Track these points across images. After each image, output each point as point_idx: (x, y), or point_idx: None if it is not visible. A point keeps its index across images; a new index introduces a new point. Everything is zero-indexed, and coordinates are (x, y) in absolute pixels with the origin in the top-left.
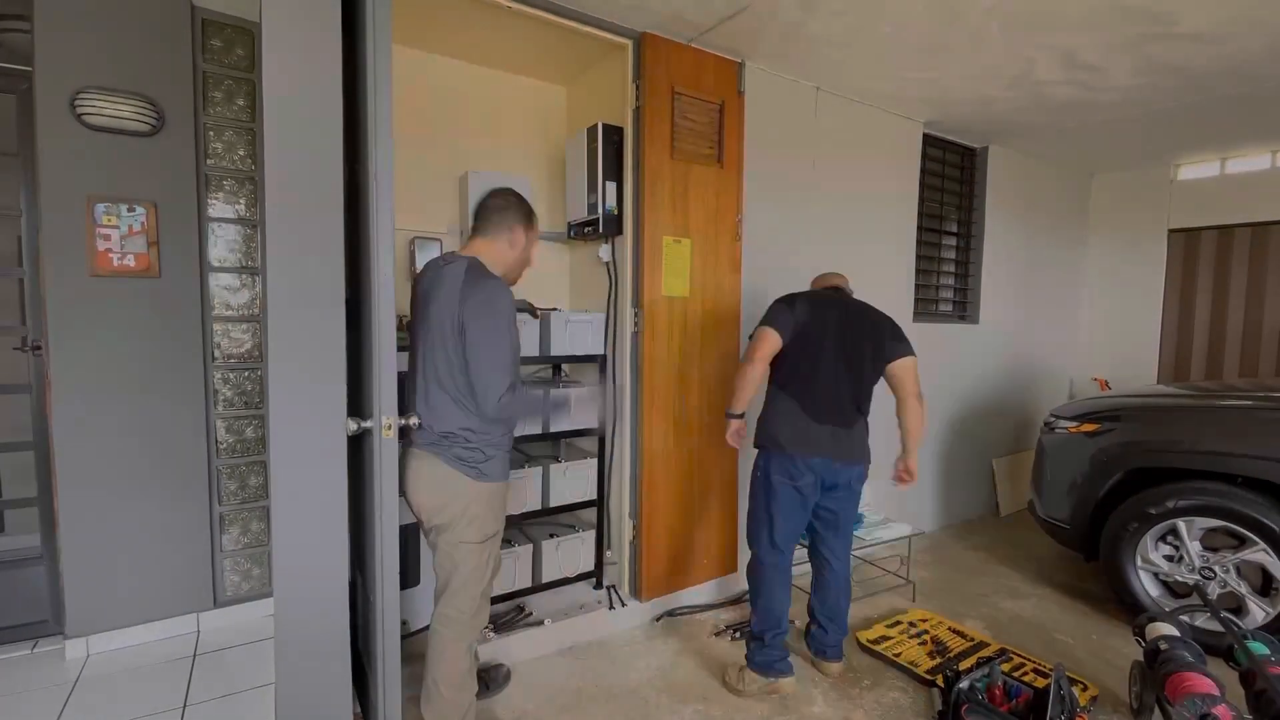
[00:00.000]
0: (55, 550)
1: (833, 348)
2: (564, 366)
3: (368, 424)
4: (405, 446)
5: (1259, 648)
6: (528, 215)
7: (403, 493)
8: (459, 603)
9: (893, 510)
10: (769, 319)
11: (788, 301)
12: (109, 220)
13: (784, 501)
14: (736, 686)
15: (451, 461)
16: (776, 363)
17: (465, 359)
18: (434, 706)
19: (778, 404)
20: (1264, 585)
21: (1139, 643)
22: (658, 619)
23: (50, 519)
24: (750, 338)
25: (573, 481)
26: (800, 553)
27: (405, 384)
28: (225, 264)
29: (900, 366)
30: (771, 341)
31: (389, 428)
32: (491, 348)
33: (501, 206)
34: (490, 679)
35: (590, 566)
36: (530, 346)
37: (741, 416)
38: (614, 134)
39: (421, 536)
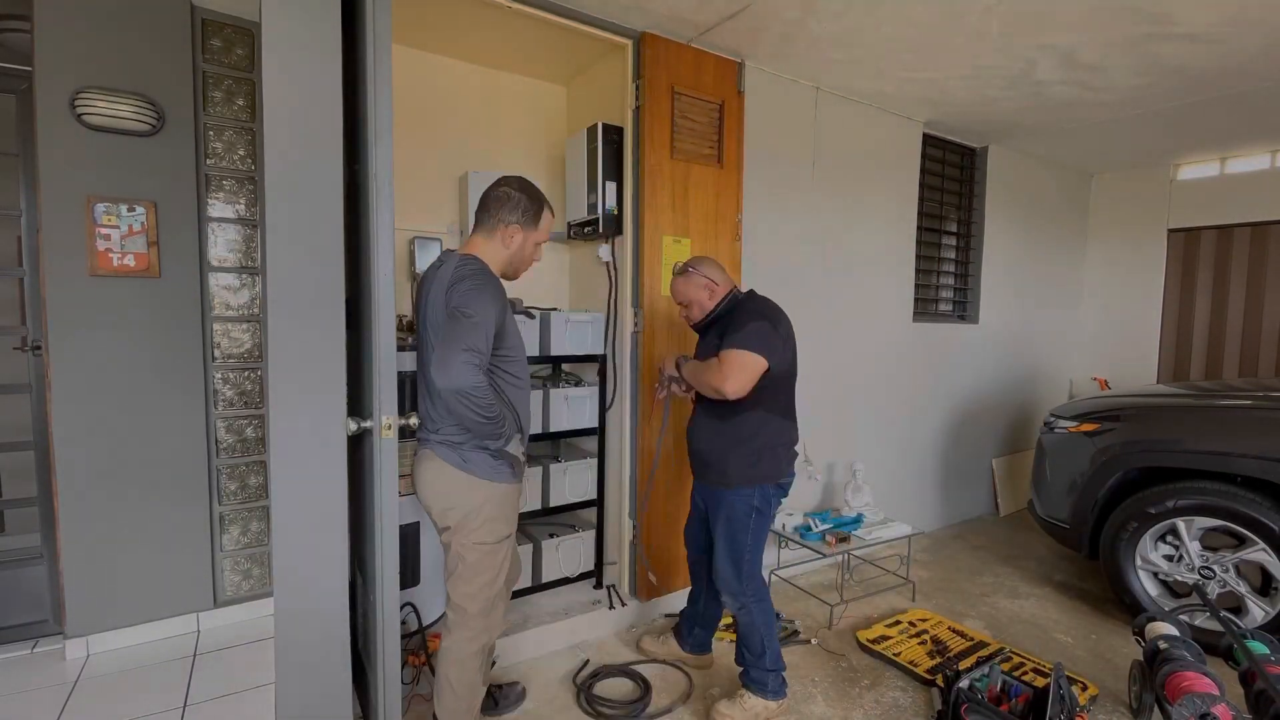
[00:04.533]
0: (55, 550)
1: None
2: (564, 366)
3: (368, 424)
4: (416, 446)
5: (1258, 647)
6: (527, 211)
7: (415, 492)
8: (461, 601)
9: (893, 510)
10: (762, 346)
11: (770, 318)
12: (109, 220)
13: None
14: (652, 651)
15: (447, 457)
16: (762, 387)
17: None
18: (442, 703)
19: (775, 435)
20: (1263, 585)
21: (1138, 642)
22: (658, 619)
23: (50, 519)
24: (733, 348)
25: (572, 481)
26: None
27: (418, 384)
28: (225, 264)
29: None
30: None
31: (389, 427)
32: (454, 327)
33: (500, 199)
34: (501, 696)
35: (590, 566)
36: (531, 346)
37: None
38: (614, 134)
39: (438, 536)
